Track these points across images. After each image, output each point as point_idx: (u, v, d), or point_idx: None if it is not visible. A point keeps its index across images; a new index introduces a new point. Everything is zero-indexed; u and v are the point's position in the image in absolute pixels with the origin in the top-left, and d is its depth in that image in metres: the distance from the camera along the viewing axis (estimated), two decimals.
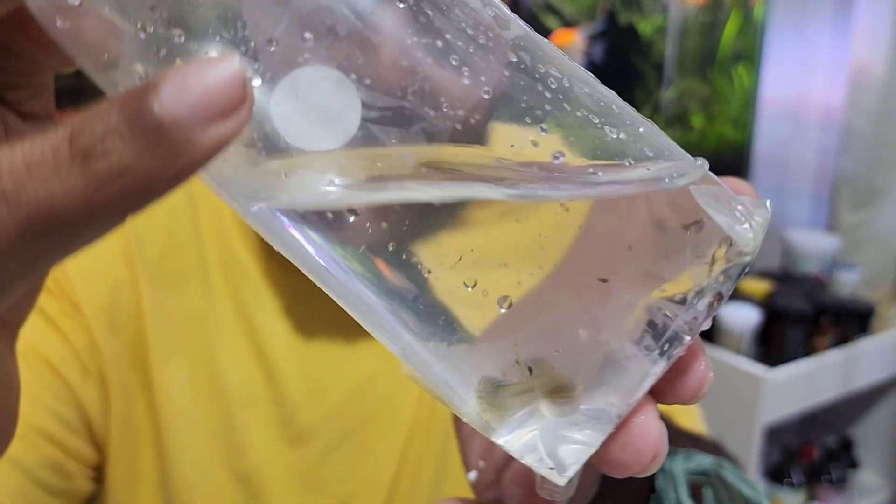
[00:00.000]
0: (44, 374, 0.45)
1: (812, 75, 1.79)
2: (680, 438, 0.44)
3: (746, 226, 0.20)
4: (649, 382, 0.20)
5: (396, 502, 0.52)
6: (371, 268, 0.19)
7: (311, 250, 0.19)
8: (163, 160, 0.14)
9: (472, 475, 0.31)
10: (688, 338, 0.20)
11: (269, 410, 0.50)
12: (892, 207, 1.73)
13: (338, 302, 0.20)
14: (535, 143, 0.19)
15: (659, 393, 0.21)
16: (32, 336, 0.46)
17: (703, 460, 0.39)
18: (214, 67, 0.14)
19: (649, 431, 0.20)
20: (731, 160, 1.73)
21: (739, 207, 0.20)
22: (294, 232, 0.19)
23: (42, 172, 0.15)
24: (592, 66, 1.51)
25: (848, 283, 1.57)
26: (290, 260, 0.19)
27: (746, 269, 0.20)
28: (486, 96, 0.18)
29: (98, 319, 0.47)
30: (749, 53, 1.74)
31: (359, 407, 0.51)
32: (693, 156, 0.20)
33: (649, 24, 1.60)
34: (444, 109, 0.18)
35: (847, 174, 1.77)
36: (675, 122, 1.67)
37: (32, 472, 0.44)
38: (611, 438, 0.20)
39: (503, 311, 0.19)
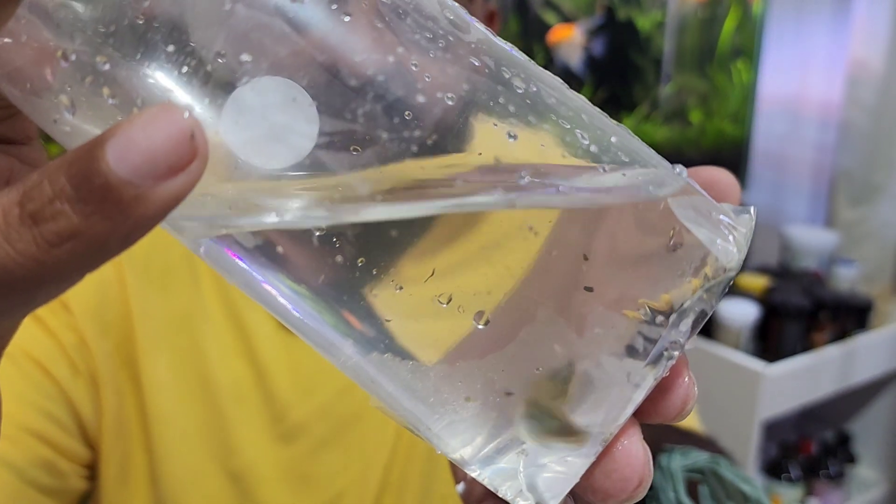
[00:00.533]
0: (32, 373, 0.45)
1: (810, 71, 1.79)
2: (674, 435, 0.44)
3: (730, 238, 0.19)
4: (633, 405, 0.19)
5: (387, 498, 0.51)
6: (327, 298, 0.18)
7: (262, 283, 0.18)
8: (112, 221, 0.14)
9: (461, 487, 0.30)
10: (672, 358, 0.19)
11: (259, 408, 0.50)
12: (890, 203, 1.73)
13: (296, 333, 0.19)
14: (502, 152, 0.17)
15: (642, 413, 0.20)
16: (20, 335, 0.45)
17: (699, 457, 0.39)
18: (160, 122, 0.14)
19: (634, 456, 0.19)
20: (729, 156, 1.72)
21: (722, 219, 0.19)
22: (245, 266, 0.18)
23: None
24: (591, 62, 1.51)
25: (846, 279, 1.57)
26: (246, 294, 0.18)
27: (731, 283, 0.19)
28: (451, 103, 0.17)
29: (86, 318, 0.47)
30: (748, 49, 1.74)
31: (348, 403, 0.51)
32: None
33: (648, 20, 1.59)
34: (404, 125, 0.17)
35: (845, 170, 1.77)
36: (673, 118, 1.66)
37: (24, 472, 0.43)
38: (593, 465, 0.19)
39: (480, 326, 0.18)
